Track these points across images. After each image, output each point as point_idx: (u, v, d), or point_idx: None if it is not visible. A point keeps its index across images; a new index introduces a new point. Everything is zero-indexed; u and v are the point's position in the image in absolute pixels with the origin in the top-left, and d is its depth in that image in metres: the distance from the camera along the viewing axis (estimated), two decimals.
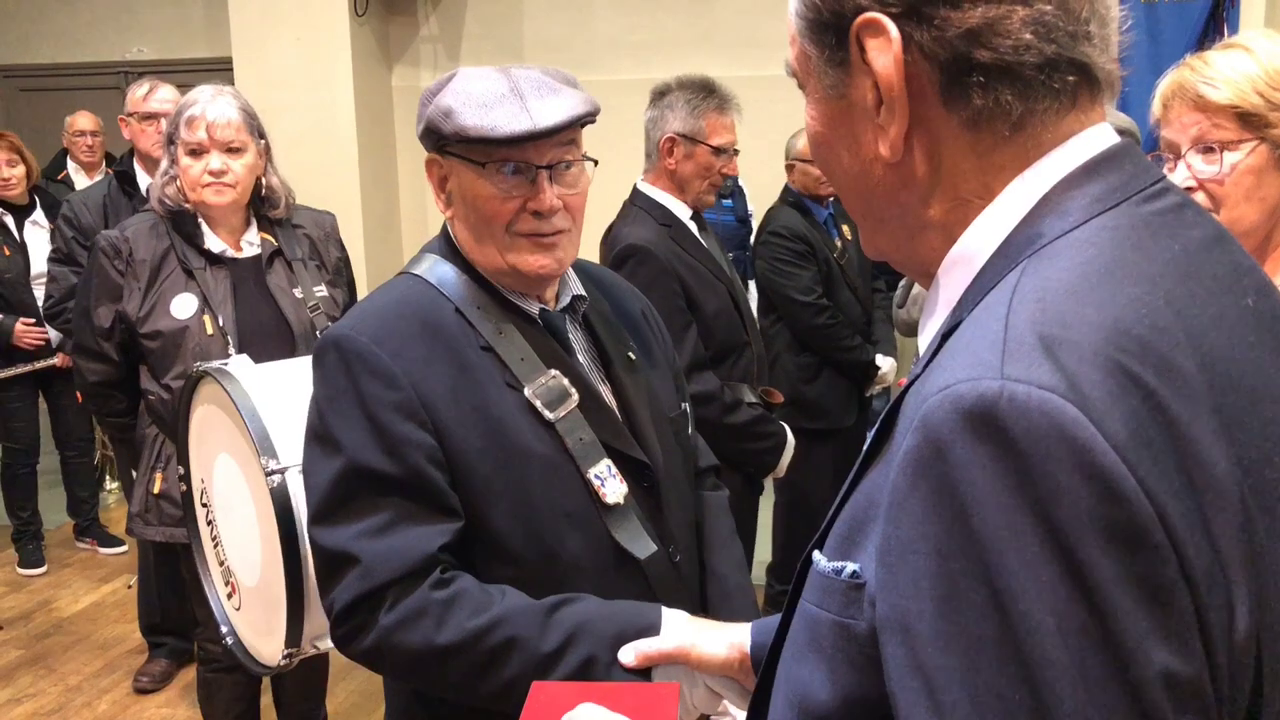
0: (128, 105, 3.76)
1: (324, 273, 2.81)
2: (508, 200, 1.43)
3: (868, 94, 0.76)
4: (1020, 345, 0.64)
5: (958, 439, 0.62)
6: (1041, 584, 0.60)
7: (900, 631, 0.65)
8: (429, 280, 1.50)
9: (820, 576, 0.77)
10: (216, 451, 2.07)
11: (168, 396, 2.60)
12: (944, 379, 0.65)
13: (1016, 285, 0.69)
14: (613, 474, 1.46)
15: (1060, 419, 0.60)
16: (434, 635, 1.34)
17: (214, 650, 2.77)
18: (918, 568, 0.64)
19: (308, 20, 5.95)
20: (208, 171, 2.59)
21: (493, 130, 1.37)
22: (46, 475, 5.10)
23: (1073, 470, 0.60)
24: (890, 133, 0.76)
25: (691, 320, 2.81)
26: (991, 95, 0.73)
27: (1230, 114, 1.53)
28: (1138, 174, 0.75)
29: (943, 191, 0.77)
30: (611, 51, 6.25)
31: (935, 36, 0.73)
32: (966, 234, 0.77)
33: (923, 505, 0.64)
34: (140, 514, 2.71)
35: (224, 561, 2.09)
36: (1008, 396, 0.61)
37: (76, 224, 3.62)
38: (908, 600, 0.65)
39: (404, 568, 1.36)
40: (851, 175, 0.81)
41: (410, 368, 1.39)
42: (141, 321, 2.61)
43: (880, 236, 0.84)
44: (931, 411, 0.64)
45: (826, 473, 4.02)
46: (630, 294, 1.71)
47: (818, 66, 0.79)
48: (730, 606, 1.63)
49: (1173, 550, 0.60)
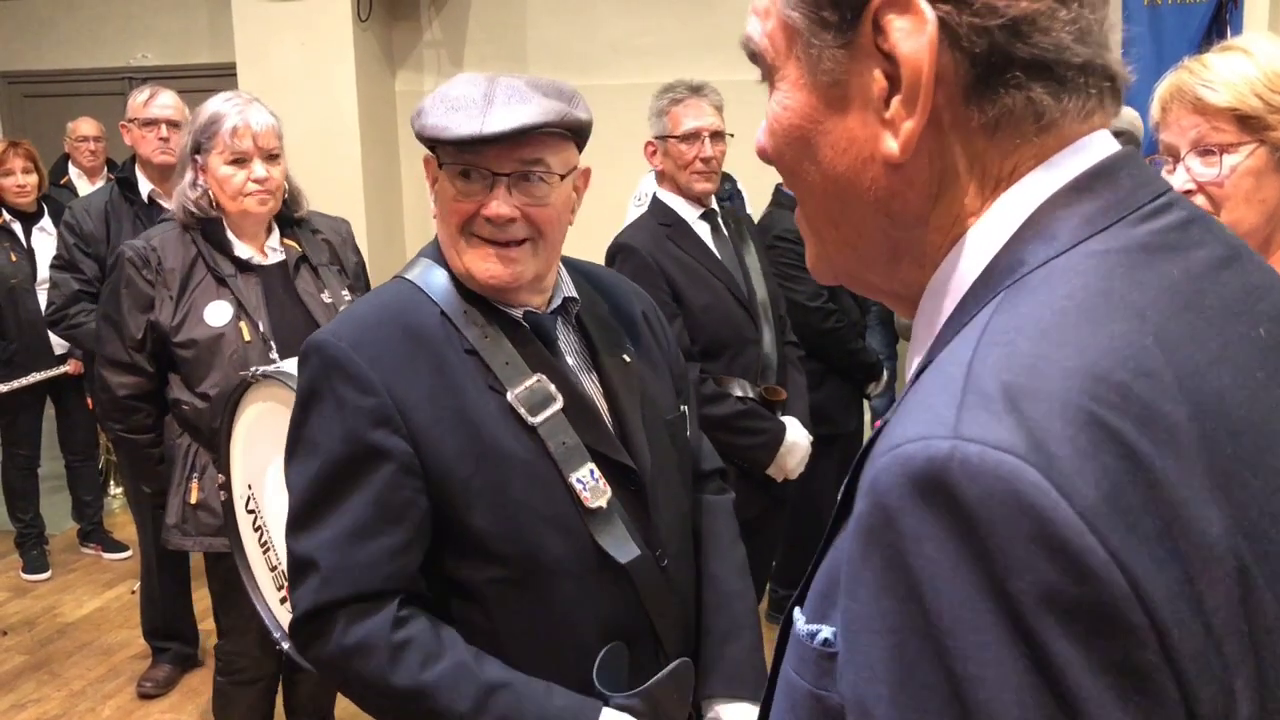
0: (128, 111, 3.76)
1: (344, 278, 2.81)
2: (463, 202, 1.45)
3: (874, 84, 0.67)
4: (979, 397, 0.57)
5: (906, 507, 0.56)
6: (1003, 671, 0.53)
7: (860, 715, 0.59)
8: (417, 284, 1.51)
9: (798, 640, 0.70)
10: (271, 455, 2.07)
11: (203, 406, 2.58)
12: (896, 436, 0.58)
13: (987, 324, 0.62)
14: (595, 478, 1.46)
15: (1017, 484, 0.53)
16: (387, 674, 1.38)
17: (237, 662, 2.77)
18: (873, 647, 0.58)
19: (311, 26, 5.97)
20: (252, 180, 2.58)
21: (444, 131, 1.40)
22: (50, 480, 5.11)
23: (1031, 542, 0.53)
24: (905, 129, 0.66)
25: (678, 313, 2.91)
26: (1024, 94, 0.66)
27: (1229, 116, 1.53)
28: (1136, 189, 0.67)
29: (940, 204, 0.69)
30: (614, 56, 6.26)
31: (974, 24, 0.64)
32: (950, 255, 0.69)
33: (875, 579, 0.57)
34: (178, 525, 2.68)
35: (276, 565, 2.10)
36: (960, 459, 0.55)
37: (78, 230, 3.61)
38: (865, 683, 0.58)
39: (359, 588, 1.39)
40: (830, 178, 0.71)
41: (387, 373, 1.41)
42: (175, 330, 2.59)
43: (847, 254, 0.74)
44: (879, 475, 0.58)
45: (830, 477, 4.01)
46: (632, 295, 1.71)
47: (808, 46, 0.69)
48: (730, 612, 1.63)
49: (1153, 631, 0.53)
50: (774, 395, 3.05)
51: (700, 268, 2.98)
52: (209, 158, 2.59)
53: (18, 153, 4.55)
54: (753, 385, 3.01)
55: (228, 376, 2.51)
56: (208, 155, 2.60)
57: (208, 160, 2.60)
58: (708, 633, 1.61)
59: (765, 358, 3.07)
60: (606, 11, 6.33)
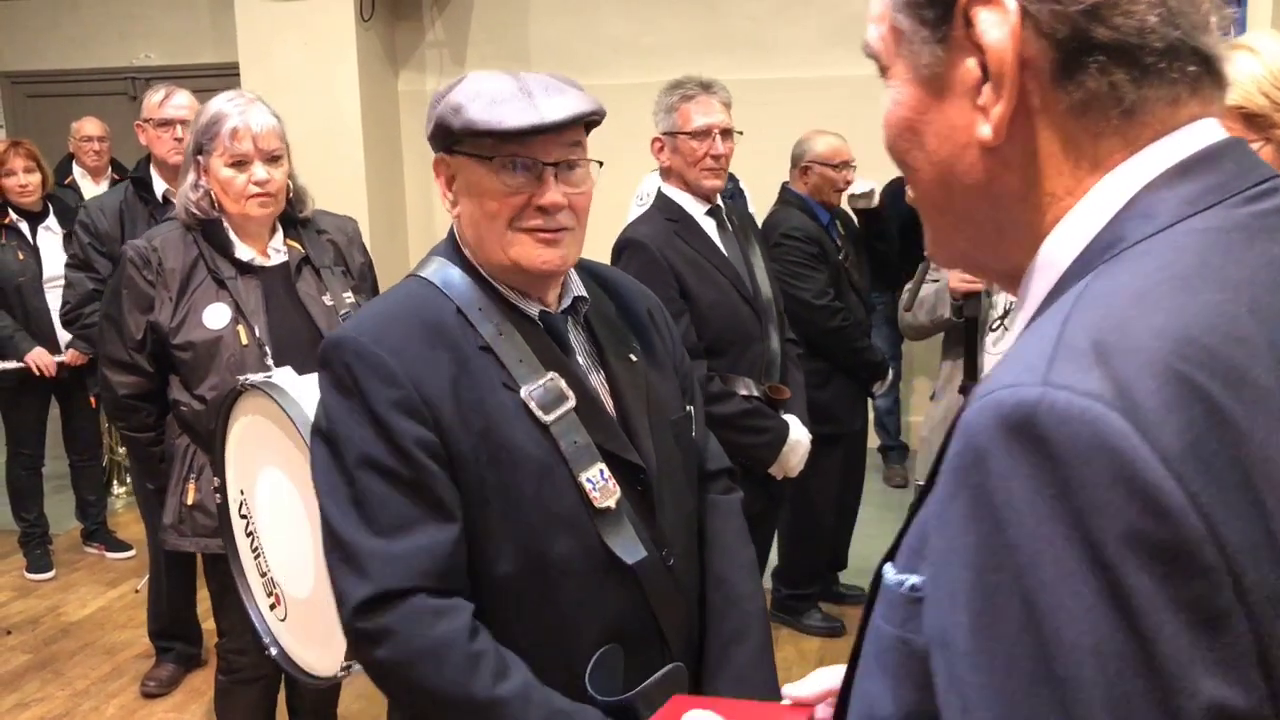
0: (144, 112, 3.77)
1: (349, 279, 2.79)
2: (514, 195, 1.44)
3: (968, 73, 0.72)
4: (1070, 351, 0.60)
5: (996, 447, 0.59)
6: (1079, 603, 0.56)
7: (941, 646, 0.63)
8: (433, 281, 1.51)
9: (887, 590, 0.74)
10: (262, 464, 2.07)
11: (200, 408, 2.58)
12: (990, 384, 0.62)
13: (1084, 290, 0.66)
14: (605, 478, 1.46)
15: (1102, 428, 0.57)
16: (463, 683, 1.35)
17: (238, 661, 2.76)
18: (955, 579, 0.61)
19: (314, 26, 5.97)
20: (253, 183, 2.56)
21: (500, 123, 1.39)
22: (54, 480, 5.11)
23: (1114, 483, 0.56)
24: (995, 113, 0.71)
25: (685, 308, 2.91)
26: (1107, 79, 0.69)
27: (1235, 115, 1.53)
28: (1241, 173, 0.70)
29: (1037, 185, 0.73)
30: (617, 56, 6.26)
31: (1055, 11, 0.68)
32: (1053, 234, 0.73)
33: (961, 514, 0.61)
34: (174, 525, 2.69)
35: (266, 572, 2.09)
36: (1048, 404, 0.58)
37: (93, 230, 3.63)
38: (947, 613, 0.62)
39: (412, 577, 1.36)
40: (936, 164, 0.76)
41: (411, 365, 1.40)
42: (174, 332, 2.58)
43: (960, 236, 0.79)
44: (972, 418, 0.62)
45: (834, 477, 4.02)
46: (638, 294, 1.71)
47: (911, 44, 0.75)
48: (739, 613, 1.62)
49: (1228, 574, 0.55)
50: (778, 394, 3.06)
51: (707, 264, 2.99)
52: (210, 159, 2.58)
53: (19, 152, 4.56)
54: (757, 383, 3.01)
55: (225, 380, 2.51)
56: (209, 156, 2.58)
57: (209, 161, 2.58)
58: (715, 634, 1.61)
59: (770, 355, 3.07)
60: (608, 11, 6.33)
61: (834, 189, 3.95)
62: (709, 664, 1.59)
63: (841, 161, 3.94)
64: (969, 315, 2.91)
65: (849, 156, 3.97)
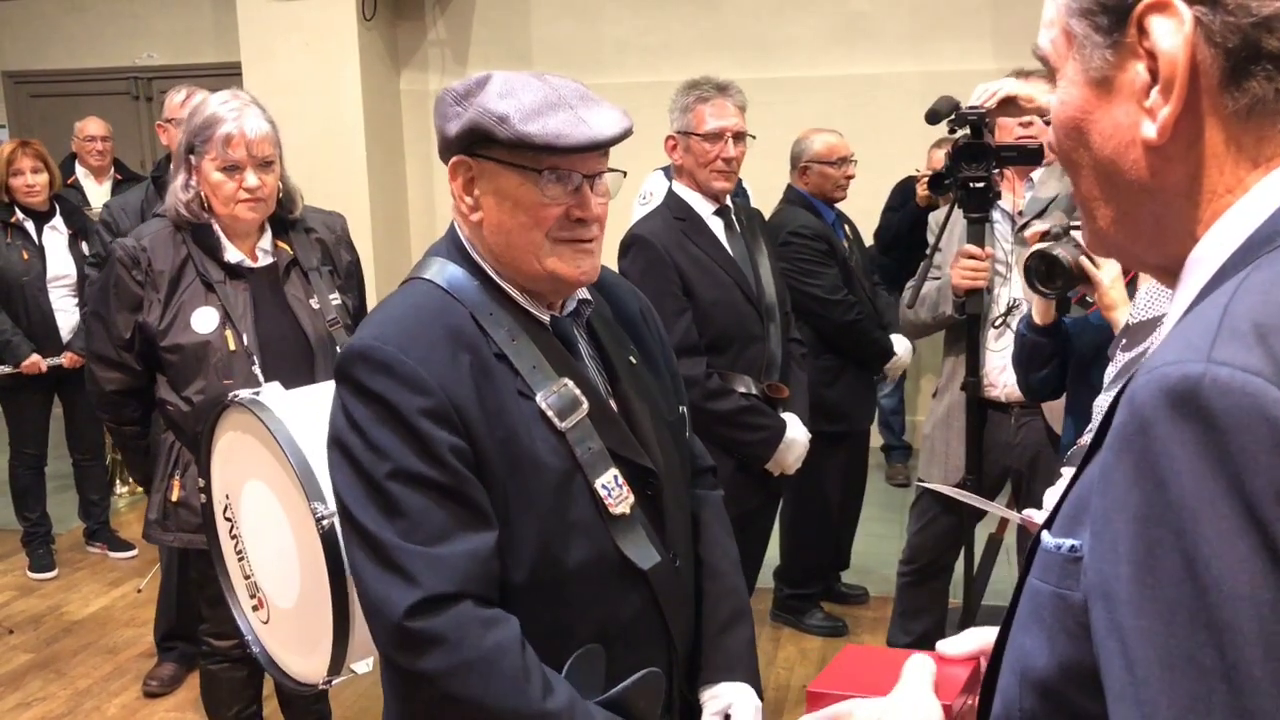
0: (165, 112, 3.81)
1: (336, 278, 2.78)
2: (553, 206, 1.42)
3: (1137, 77, 0.76)
4: (1233, 332, 0.66)
5: (1160, 416, 0.65)
6: (1235, 554, 0.62)
7: (1102, 596, 0.69)
8: (442, 285, 1.48)
9: (1045, 553, 0.80)
10: (246, 476, 2.06)
11: (187, 409, 2.58)
12: (1154, 361, 0.68)
13: (1244, 279, 0.70)
14: (619, 484, 1.46)
15: (1263, 400, 0.62)
16: (518, 694, 1.34)
17: (219, 645, 2.78)
18: (1118, 533, 0.67)
19: (316, 25, 5.97)
20: (243, 188, 2.55)
21: (557, 139, 1.37)
22: (57, 479, 5.12)
23: (1273, 449, 0.61)
24: (1163, 115, 0.75)
25: (687, 306, 2.93)
26: (1273, 85, 0.73)
27: None
28: None
29: (1198, 182, 0.77)
30: (619, 55, 6.26)
31: (1227, 22, 0.72)
32: (1213, 229, 0.77)
33: (1126, 476, 0.67)
34: (158, 520, 2.70)
35: (250, 576, 2.09)
36: (1210, 378, 0.64)
37: (116, 229, 3.64)
38: (1108, 565, 0.68)
39: (459, 582, 1.35)
40: (1102, 160, 0.81)
41: (438, 373, 1.38)
42: (162, 334, 2.57)
43: (1121, 230, 0.83)
44: (1138, 390, 0.67)
45: (837, 476, 4.01)
46: (629, 294, 1.70)
47: (1083, 48, 0.80)
48: (730, 604, 1.63)
49: None
50: (776, 392, 3.06)
51: (712, 263, 3.01)
52: (202, 161, 2.57)
53: (27, 152, 4.57)
54: (756, 382, 3.02)
55: (212, 383, 2.52)
56: (201, 158, 2.57)
57: (201, 163, 2.57)
58: (708, 622, 1.61)
59: (770, 354, 3.07)
60: (610, 11, 6.33)
61: (835, 186, 3.95)
62: (704, 649, 1.60)
63: (839, 158, 3.95)
64: (971, 312, 2.91)
65: (847, 152, 3.98)
